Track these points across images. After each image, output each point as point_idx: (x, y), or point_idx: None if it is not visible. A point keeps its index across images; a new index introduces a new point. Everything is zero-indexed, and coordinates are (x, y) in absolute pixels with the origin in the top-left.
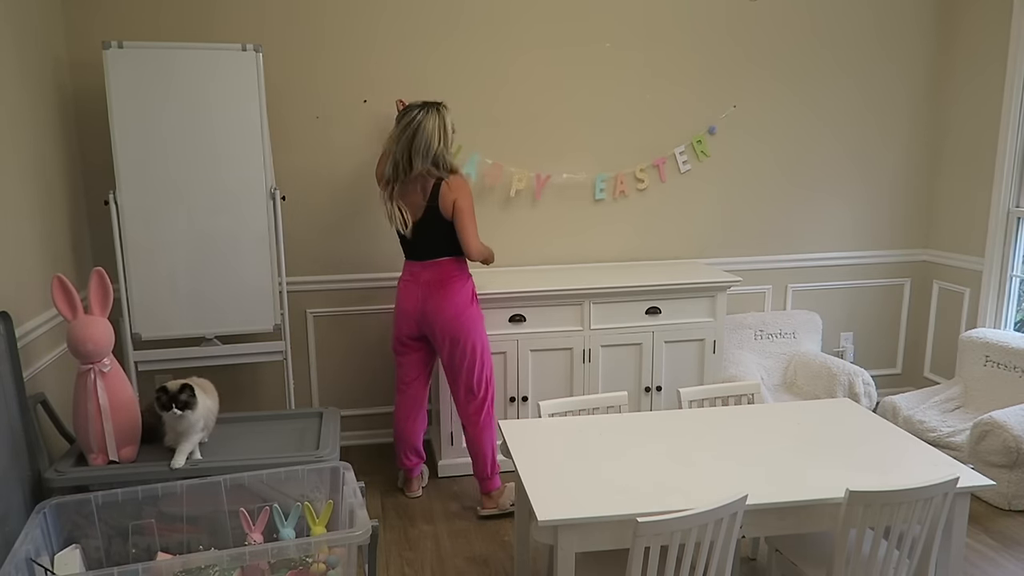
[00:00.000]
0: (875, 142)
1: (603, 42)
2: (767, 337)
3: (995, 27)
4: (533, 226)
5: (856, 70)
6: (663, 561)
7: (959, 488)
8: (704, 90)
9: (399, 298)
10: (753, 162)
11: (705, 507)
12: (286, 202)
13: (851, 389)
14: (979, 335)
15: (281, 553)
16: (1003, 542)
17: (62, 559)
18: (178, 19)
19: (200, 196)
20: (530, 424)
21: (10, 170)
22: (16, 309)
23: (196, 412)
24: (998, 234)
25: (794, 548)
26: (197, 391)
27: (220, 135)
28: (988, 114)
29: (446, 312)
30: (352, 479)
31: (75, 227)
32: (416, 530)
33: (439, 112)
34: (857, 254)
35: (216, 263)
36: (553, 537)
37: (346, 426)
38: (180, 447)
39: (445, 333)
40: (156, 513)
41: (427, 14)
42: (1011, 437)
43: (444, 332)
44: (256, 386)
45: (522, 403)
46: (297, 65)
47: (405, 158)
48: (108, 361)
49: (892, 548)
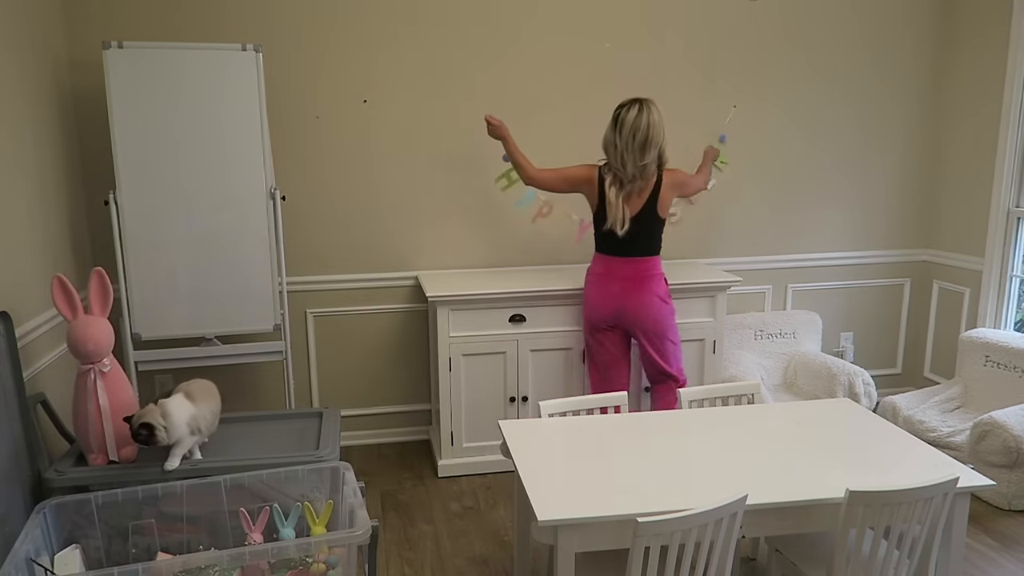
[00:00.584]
0: (875, 142)
1: (603, 42)
2: (767, 337)
3: (995, 27)
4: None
5: (857, 70)
6: (663, 561)
7: (959, 488)
8: (704, 90)
9: (594, 292)
10: (753, 162)
11: (705, 507)
12: (286, 202)
13: (851, 389)
14: (979, 335)
15: (281, 553)
16: (1003, 542)
17: (62, 559)
18: (178, 19)
19: (200, 196)
20: (530, 424)
21: (10, 170)
22: (16, 309)
23: (172, 433)
24: (998, 234)
25: (794, 548)
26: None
27: (220, 135)
28: (988, 114)
29: (649, 308)
30: (352, 479)
31: (75, 227)
32: (416, 530)
33: (654, 107)
34: (857, 254)
35: (216, 263)
36: (553, 537)
37: (346, 426)
38: (173, 450)
39: (648, 328)
40: (156, 513)
41: (428, 14)
42: (1011, 437)
43: (646, 327)
44: (256, 386)
45: (522, 403)
46: (297, 65)
47: (639, 157)
48: (108, 361)
49: (892, 548)
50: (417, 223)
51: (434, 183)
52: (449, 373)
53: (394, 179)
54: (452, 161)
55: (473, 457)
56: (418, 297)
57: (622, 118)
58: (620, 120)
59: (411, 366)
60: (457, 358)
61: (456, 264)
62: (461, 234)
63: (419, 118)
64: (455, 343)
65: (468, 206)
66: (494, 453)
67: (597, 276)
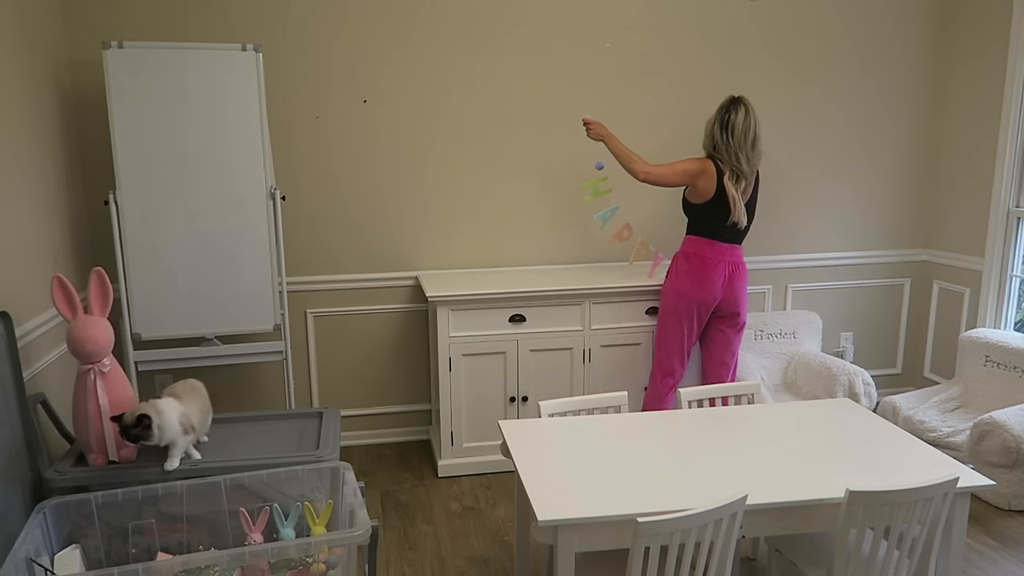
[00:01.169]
0: (875, 142)
1: (603, 42)
2: (767, 337)
3: (995, 27)
4: (533, 226)
5: (856, 71)
6: (663, 561)
7: (959, 488)
8: (704, 90)
9: (705, 277)
10: None
11: (705, 507)
12: (286, 202)
13: (851, 389)
14: (979, 335)
15: (281, 553)
16: (1003, 542)
17: (62, 559)
18: (178, 19)
19: (200, 196)
20: (530, 424)
21: (10, 170)
22: (16, 309)
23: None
24: (998, 234)
25: (794, 548)
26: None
27: (220, 135)
28: (988, 114)
29: (743, 290)
30: (352, 479)
31: (75, 227)
32: (416, 530)
33: (751, 106)
34: (857, 254)
35: (216, 263)
36: (553, 537)
37: (346, 426)
38: (171, 451)
39: (738, 309)
40: (156, 513)
41: (427, 14)
42: (1011, 437)
43: (738, 308)
44: (256, 386)
45: (522, 403)
46: (297, 65)
47: (752, 155)
48: (108, 361)
49: (892, 548)
50: (417, 223)
51: (434, 183)
52: (449, 373)
53: (394, 179)
54: (452, 161)
55: (473, 457)
56: (418, 297)
57: (732, 121)
58: (730, 124)
59: (411, 366)
60: (457, 358)
61: (456, 264)
62: (461, 234)
63: (419, 118)
64: (455, 343)
65: (468, 206)
66: (494, 453)
67: (707, 260)
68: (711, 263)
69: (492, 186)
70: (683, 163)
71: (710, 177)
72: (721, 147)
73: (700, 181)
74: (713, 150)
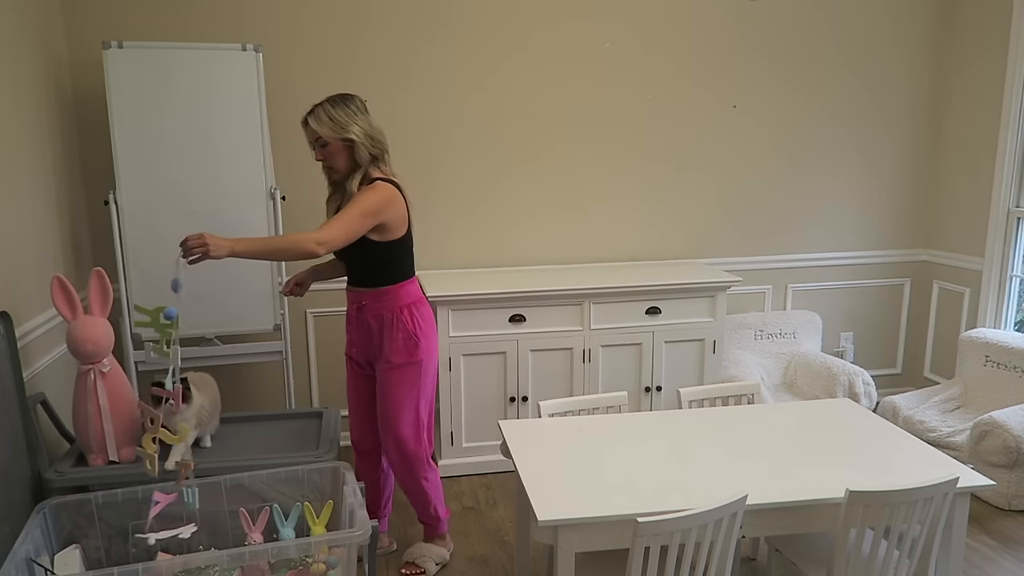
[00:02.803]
0: (875, 142)
1: (603, 42)
2: (767, 337)
3: (995, 26)
4: (534, 225)
5: (855, 70)
6: (663, 561)
7: (959, 488)
8: (704, 90)
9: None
10: (753, 162)
11: (705, 507)
12: (286, 202)
13: (851, 389)
14: (979, 335)
15: (281, 553)
16: (1003, 542)
17: (62, 559)
18: (178, 19)
19: (200, 196)
20: (530, 424)
21: (10, 170)
22: (16, 309)
23: (190, 408)
24: (998, 234)
25: (794, 548)
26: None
27: (220, 135)
28: (988, 113)
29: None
30: (352, 479)
31: (75, 227)
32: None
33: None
34: (857, 254)
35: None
36: (553, 537)
37: (346, 426)
38: (173, 448)
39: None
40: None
41: (427, 14)
42: (1011, 437)
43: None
44: (256, 386)
45: (522, 403)
46: (297, 65)
47: None
48: (108, 361)
49: (892, 548)
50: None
51: (433, 183)
52: (449, 373)
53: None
54: (451, 161)
55: (473, 457)
56: None
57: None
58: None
59: None
60: (457, 358)
61: (456, 264)
62: (461, 234)
63: (418, 117)
64: (455, 343)
65: (468, 206)
66: (494, 453)
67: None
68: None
69: (492, 186)
70: (357, 204)
71: (397, 201)
72: (381, 151)
73: (387, 213)
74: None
